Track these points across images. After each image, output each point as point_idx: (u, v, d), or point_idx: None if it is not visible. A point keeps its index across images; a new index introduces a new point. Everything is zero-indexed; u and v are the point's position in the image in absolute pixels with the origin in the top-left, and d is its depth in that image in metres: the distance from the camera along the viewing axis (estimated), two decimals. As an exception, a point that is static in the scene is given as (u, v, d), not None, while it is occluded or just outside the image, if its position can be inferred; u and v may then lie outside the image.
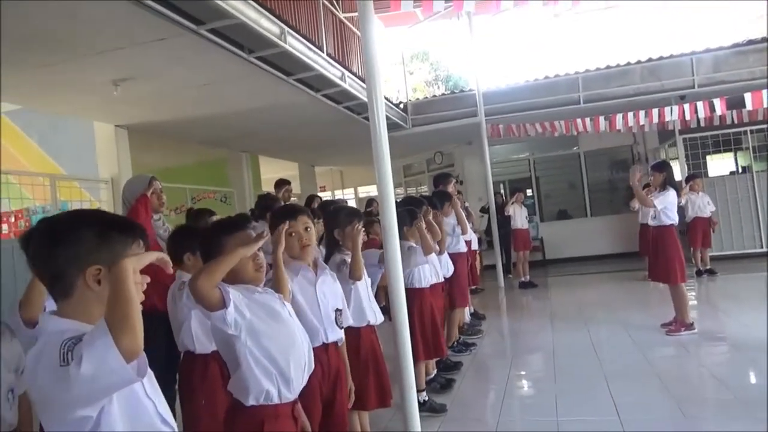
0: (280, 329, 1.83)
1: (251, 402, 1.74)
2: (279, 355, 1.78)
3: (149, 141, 8.04)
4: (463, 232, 5.03)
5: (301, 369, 1.85)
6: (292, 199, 7.94)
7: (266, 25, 4.83)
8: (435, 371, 4.33)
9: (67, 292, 1.18)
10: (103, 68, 5.04)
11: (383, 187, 3.33)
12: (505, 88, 10.28)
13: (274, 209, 2.74)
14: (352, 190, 17.01)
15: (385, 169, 3.33)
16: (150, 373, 1.29)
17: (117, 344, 1.01)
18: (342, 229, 2.89)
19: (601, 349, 4.93)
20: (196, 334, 2.55)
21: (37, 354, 1.09)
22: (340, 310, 2.49)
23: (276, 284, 2.04)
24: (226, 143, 9.44)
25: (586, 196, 11.82)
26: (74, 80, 5.29)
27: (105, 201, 7.01)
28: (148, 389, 1.24)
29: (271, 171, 11.64)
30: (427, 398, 3.81)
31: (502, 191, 11.43)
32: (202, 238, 1.97)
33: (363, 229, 2.87)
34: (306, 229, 2.34)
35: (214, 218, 3.67)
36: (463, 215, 5.21)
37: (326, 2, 7.10)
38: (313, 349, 2.00)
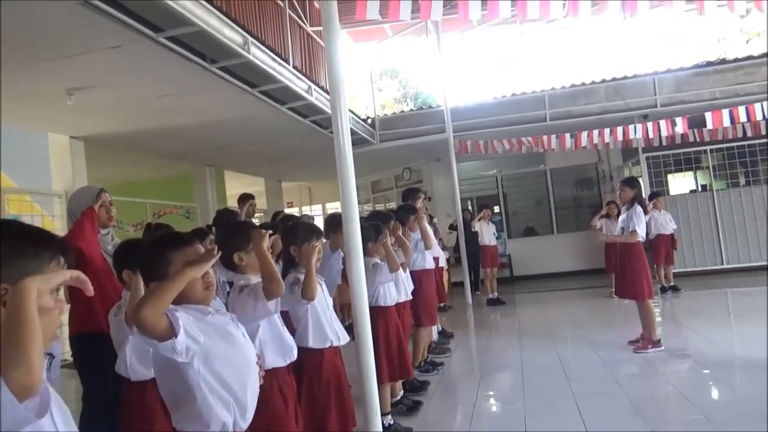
0: (235, 353, 1.67)
1: None
2: (235, 382, 1.62)
3: (107, 153, 7.77)
4: (427, 248, 4.92)
5: (255, 395, 1.70)
6: (257, 215, 7.77)
7: (229, 34, 4.69)
8: (401, 393, 4.18)
9: None
10: (56, 76, 4.81)
11: (347, 202, 3.22)
12: (472, 105, 10.32)
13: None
14: (320, 206, 16.82)
15: (348, 183, 3.23)
16: (65, 410, 1.13)
17: (5, 379, 0.84)
18: (299, 246, 2.74)
19: (569, 367, 4.86)
20: (130, 362, 2.34)
21: None
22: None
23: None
24: (190, 157, 9.19)
25: (552, 213, 11.90)
26: (25, 88, 5.04)
27: (58, 215, 6.69)
28: (60, 427, 1.07)
29: (237, 186, 11.38)
30: (392, 422, 3.65)
31: (470, 207, 11.42)
32: (144, 253, 1.78)
33: (320, 247, 2.72)
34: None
35: (211, 237, 3.48)
36: (428, 230, 5.10)
37: (294, 15, 7.00)
38: None
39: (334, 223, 3.63)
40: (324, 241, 2.84)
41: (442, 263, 7.00)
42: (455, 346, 6.19)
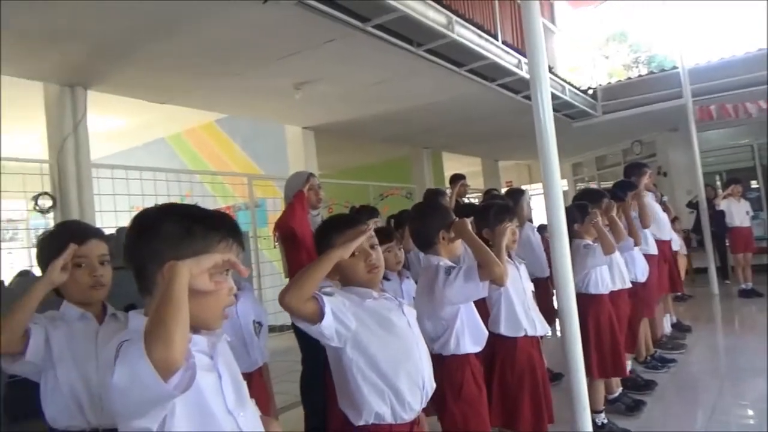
0: (393, 341, 1.62)
1: (361, 423, 1.56)
2: (391, 372, 1.57)
3: (334, 141, 8.46)
4: (644, 226, 4.32)
5: (418, 387, 1.62)
6: (469, 195, 7.74)
7: (432, 15, 4.68)
8: (620, 390, 3.77)
9: (149, 289, 1.10)
10: (283, 73, 5.35)
11: (549, 180, 2.96)
12: (716, 63, 8.82)
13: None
14: (539, 185, 16.18)
15: (550, 160, 2.96)
16: (242, 382, 1.19)
17: (148, 354, 0.89)
18: (491, 229, 2.60)
19: None
20: None
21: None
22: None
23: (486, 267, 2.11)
24: (407, 140, 9.55)
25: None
26: (261, 86, 5.71)
27: (293, 199, 7.52)
28: (231, 403, 1.12)
29: (455, 167, 11.48)
30: (605, 420, 3.31)
31: (718, 183, 9.85)
32: (316, 234, 1.83)
33: (513, 228, 2.54)
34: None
35: (375, 219, 3.59)
36: (648, 210, 4.45)
37: (504, -13, 6.74)
38: None
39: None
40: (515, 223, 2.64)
41: (677, 247, 6.17)
42: (693, 341, 5.40)
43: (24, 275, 4.62)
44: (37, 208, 4.87)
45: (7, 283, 4.23)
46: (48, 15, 3.76)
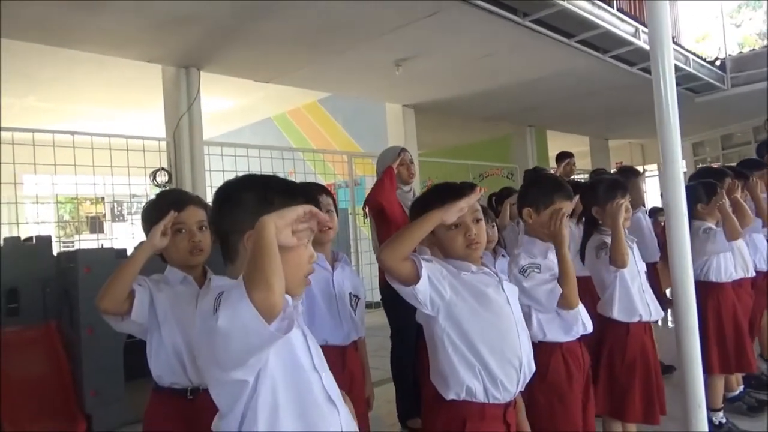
0: (488, 318, 1.55)
1: (451, 396, 1.52)
2: (483, 347, 1.52)
3: (434, 119, 8.38)
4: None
5: (514, 368, 1.55)
6: (577, 175, 7.37)
7: (539, -18, 4.45)
8: (741, 388, 3.45)
9: (232, 257, 1.15)
10: (384, 50, 5.34)
11: (668, 156, 2.72)
12: None
13: None
14: (654, 165, 15.13)
15: (671, 135, 2.72)
16: (317, 348, 1.20)
17: (252, 301, 0.92)
18: (601, 206, 2.43)
19: None
20: None
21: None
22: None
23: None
24: (509, 118, 9.25)
25: None
26: (362, 64, 5.75)
27: (393, 177, 7.56)
28: (316, 361, 1.15)
29: (560, 146, 10.99)
30: (724, 420, 3.04)
31: None
32: (415, 204, 1.78)
33: (627, 205, 2.36)
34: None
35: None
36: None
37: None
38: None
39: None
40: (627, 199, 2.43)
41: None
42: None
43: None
44: (155, 182, 5.26)
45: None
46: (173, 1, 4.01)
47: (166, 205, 1.73)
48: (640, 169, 4.47)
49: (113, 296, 1.61)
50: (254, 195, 1.14)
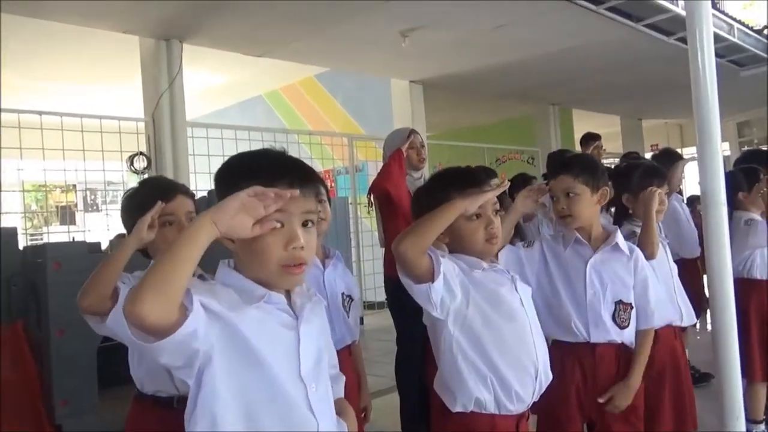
0: (502, 321, 1.56)
1: (458, 408, 1.53)
2: (496, 355, 1.53)
3: (445, 97, 8.37)
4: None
5: (530, 376, 1.57)
6: (606, 159, 7.36)
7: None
8: (785, 397, 3.47)
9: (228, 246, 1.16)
10: (389, 19, 5.34)
11: (705, 137, 2.72)
12: None
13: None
14: (693, 148, 15.07)
15: (709, 113, 2.72)
16: (326, 358, 1.22)
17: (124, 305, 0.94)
18: (634, 194, 2.44)
19: None
20: None
21: None
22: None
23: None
24: (531, 96, 9.23)
25: None
26: (364, 35, 5.74)
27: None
28: (305, 370, 1.13)
29: (587, 127, 10.92)
30: (766, 432, 3.07)
31: None
32: (423, 190, 1.77)
33: (662, 194, 2.37)
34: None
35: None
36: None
37: None
38: None
39: None
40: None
41: None
42: None
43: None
44: (133, 168, 5.28)
45: (104, 246, 4.65)
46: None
47: (152, 194, 1.74)
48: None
49: (96, 294, 1.61)
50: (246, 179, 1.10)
